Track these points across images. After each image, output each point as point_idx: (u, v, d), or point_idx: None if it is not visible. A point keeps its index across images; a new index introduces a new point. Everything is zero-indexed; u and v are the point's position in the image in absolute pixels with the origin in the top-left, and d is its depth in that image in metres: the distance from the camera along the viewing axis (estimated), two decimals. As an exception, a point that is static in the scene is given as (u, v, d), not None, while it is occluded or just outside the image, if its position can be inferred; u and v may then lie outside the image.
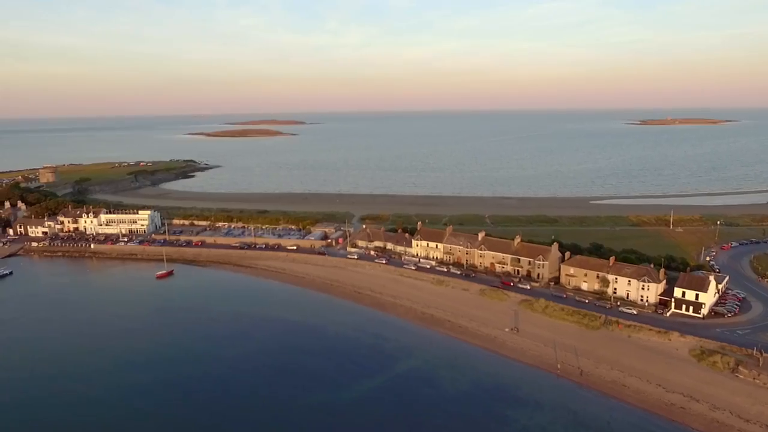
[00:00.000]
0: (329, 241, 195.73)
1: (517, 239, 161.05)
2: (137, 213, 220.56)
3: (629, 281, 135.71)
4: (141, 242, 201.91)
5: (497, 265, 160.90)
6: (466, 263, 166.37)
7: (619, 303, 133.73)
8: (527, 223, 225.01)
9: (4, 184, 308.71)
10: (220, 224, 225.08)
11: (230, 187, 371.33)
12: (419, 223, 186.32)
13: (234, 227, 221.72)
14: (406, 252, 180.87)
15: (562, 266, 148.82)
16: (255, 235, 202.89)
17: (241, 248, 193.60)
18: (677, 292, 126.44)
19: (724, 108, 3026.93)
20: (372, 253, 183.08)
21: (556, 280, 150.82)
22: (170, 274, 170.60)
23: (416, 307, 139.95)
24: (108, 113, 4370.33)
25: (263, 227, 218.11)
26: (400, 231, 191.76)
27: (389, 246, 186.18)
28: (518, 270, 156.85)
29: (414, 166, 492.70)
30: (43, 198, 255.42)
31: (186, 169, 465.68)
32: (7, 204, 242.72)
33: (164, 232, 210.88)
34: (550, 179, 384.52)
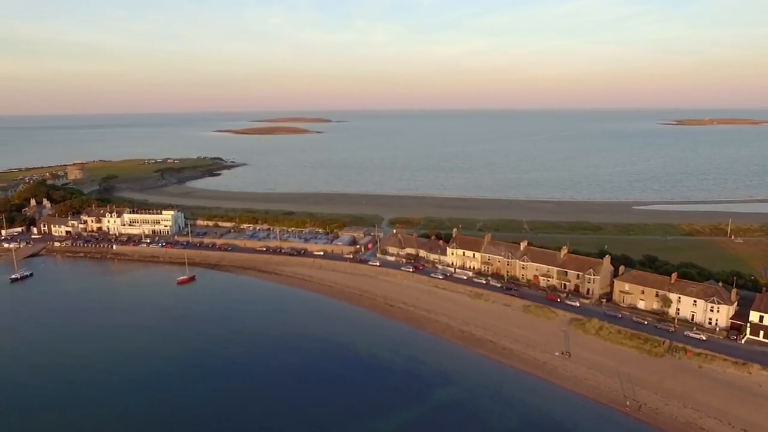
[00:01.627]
0: (358, 247, 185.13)
1: (564, 250, 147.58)
2: (161, 213, 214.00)
3: (695, 301, 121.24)
4: (163, 244, 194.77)
5: (541, 278, 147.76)
6: (507, 275, 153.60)
7: (679, 325, 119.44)
8: (568, 230, 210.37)
9: (31, 181, 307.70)
10: (244, 226, 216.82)
11: (256, 187, 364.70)
12: (455, 229, 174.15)
13: (259, 229, 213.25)
14: (440, 260, 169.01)
15: (615, 281, 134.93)
16: (281, 239, 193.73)
17: (266, 252, 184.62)
18: (753, 315, 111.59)
19: (764, 108, 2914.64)
20: (404, 260, 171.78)
21: (608, 296, 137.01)
22: (192, 279, 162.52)
23: (454, 324, 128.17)
24: (139, 110, 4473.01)
25: (289, 230, 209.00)
26: (433, 238, 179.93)
27: (422, 253, 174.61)
28: (565, 284, 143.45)
29: (442, 166, 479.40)
30: (68, 196, 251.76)
31: (212, 167, 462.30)
32: (32, 201, 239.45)
33: (187, 233, 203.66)
34: (587, 182, 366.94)
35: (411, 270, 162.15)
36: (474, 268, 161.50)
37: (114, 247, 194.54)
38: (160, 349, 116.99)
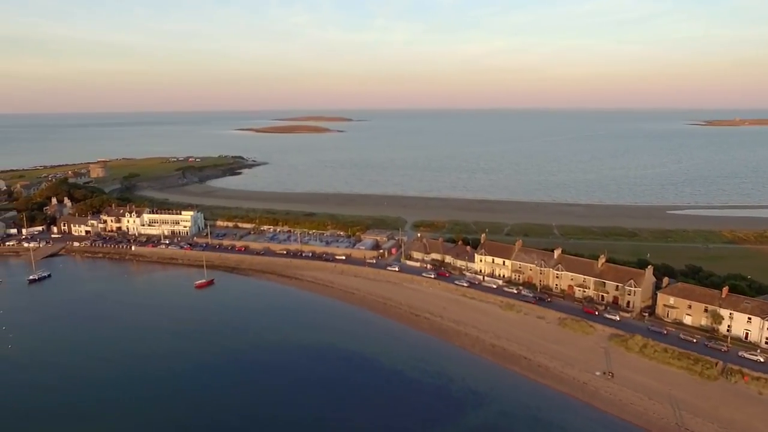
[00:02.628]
0: (381, 251, 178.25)
1: (602, 259, 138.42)
2: (180, 213, 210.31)
3: (749, 318, 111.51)
4: (182, 246, 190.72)
5: (577, 289, 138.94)
6: (540, 284, 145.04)
7: (732, 345, 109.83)
8: (602, 236, 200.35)
9: (53, 179, 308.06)
10: (264, 228, 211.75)
11: (276, 186, 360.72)
12: (483, 235, 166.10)
13: (279, 231, 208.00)
14: (467, 267, 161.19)
15: (659, 295, 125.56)
16: (301, 242, 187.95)
17: (287, 256, 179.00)
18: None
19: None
20: (429, 267, 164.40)
21: (650, 310, 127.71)
22: (210, 283, 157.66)
23: (484, 338, 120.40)
24: (163, 108, 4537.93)
25: (310, 232, 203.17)
26: (460, 243, 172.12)
27: (448, 259, 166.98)
28: (603, 296, 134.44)
29: (464, 166, 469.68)
30: (89, 195, 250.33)
31: (233, 166, 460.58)
32: (53, 200, 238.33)
33: (207, 234, 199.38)
34: (616, 185, 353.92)
35: (433, 276, 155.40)
36: (504, 276, 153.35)
37: (133, 248, 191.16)
38: (173, 360, 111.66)
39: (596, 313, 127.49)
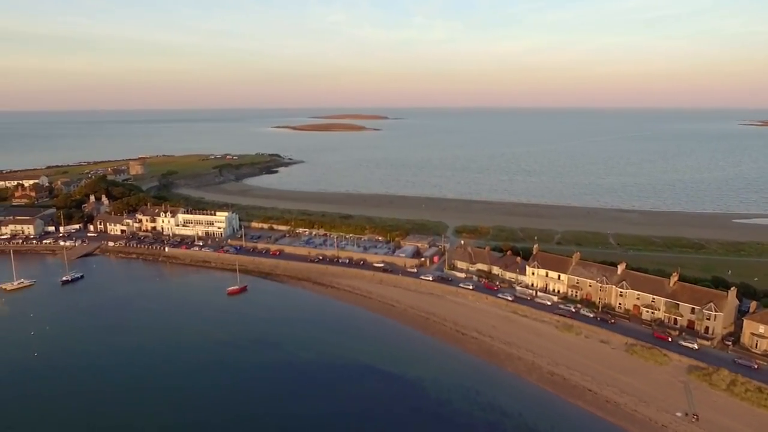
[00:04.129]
0: (423, 259, 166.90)
1: (674, 277, 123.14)
2: (214, 214, 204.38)
3: None
4: (216, 249, 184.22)
5: (644, 310, 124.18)
6: (600, 303, 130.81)
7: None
8: (664, 247, 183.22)
9: (93, 176, 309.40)
10: (300, 230, 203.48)
11: (312, 185, 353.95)
12: (535, 246, 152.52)
13: (315, 234, 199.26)
14: (517, 280, 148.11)
15: (745, 321, 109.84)
16: (338, 247, 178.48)
17: (323, 262, 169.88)
18: None
19: None
20: (475, 278, 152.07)
21: (734, 338, 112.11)
22: (243, 290, 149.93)
23: (541, 364, 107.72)
24: (205, 105, 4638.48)
25: (347, 236, 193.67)
26: (509, 253, 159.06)
27: (495, 270, 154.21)
28: (676, 319, 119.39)
29: (505, 167, 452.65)
30: (126, 192, 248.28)
31: (270, 164, 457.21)
32: (91, 198, 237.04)
33: (241, 236, 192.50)
34: (671, 189, 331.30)
35: (471, 287, 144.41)
36: (559, 291, 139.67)
37: (166, 249, 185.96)
38: (197, 378, 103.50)
39: (669, 339, 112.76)
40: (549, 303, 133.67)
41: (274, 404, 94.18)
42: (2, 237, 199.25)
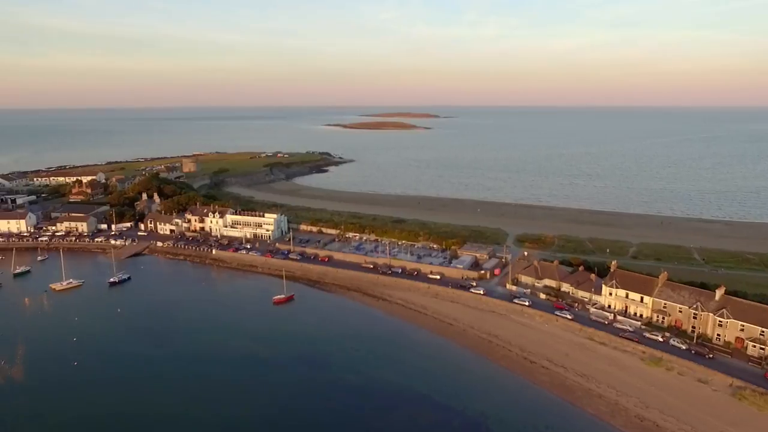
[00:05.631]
0: (482, 272, 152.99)
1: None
2: (263, 216, 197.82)
3: None
4: (263, 253, 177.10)
5: (749, 344, 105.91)
6: (694, 332, 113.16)
7: None
8: (762, 265, 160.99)
9: (146, 173, 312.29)
10: (350, 235, 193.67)
11: (362, 186, 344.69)
12: (613, 262, 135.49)
13: (366, 240, 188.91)
14: (591, 300, 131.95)
15: None
16: (390, 255, 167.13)
17: (373, 271, 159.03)
18: None
19: None
20: (542, 296, 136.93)
21: None
22: (290, 299, 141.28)
23: (627, 405, 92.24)
24: (259, 103, 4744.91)
25: (399, 243, 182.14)
26: (581, 269, 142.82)
27: (565, 288, 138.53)
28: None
29: (564, 170, 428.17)
30: (177, 191, 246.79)
31: (320, 163, 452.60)
32: (144, 196, 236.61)
33: (289, 239, 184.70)
34: (757, 197, 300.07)
35: (528, 303, 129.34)
36: (642, 316, 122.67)
37: (213, 251, 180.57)
38: (239, 399, 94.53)
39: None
40: (631, 329, 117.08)
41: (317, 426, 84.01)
42: (57, 234, 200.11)
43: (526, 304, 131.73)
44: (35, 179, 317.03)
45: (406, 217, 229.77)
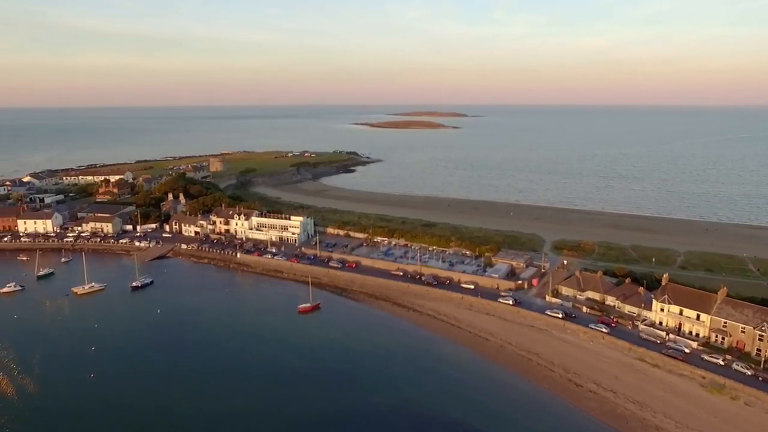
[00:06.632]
0: (519, 282, 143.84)
1: None
2: (289, 219, 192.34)
3: None
4: (288, 257, 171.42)
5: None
6: (761, 356, 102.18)
7: None
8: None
9: (173, 172, 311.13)
10: (378, 239, 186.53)
11: (390, 187, 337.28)
12: (665, 275, 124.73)
13: (395, 244, 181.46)
14: (639, 316, 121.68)
15: None
16: (421, 262, 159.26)
17: (403, 279, 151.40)
18: None
19: None
20: (585, 309, 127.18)
21: None
22: (316, 308, 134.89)
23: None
24: (287, 102, 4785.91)
25: (429, 249, 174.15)
26: (628, 281, 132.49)
27: (610, 301, 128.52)
28: None
29: (598, 172, 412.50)
30: (204, 191, 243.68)
31: (348, 163, 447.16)
32: (169, 196, 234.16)
33: (315, 243, 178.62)
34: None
35: (560, 315, 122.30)
36: (698, 335, 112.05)
37: (238, 255, 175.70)
38: (257, 419, 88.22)
39: None
40: (687, 350, 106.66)
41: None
42: (83, 234, 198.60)
43: (559, 316, 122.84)
44: (64, 178, 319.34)
45: (435, 220, 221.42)
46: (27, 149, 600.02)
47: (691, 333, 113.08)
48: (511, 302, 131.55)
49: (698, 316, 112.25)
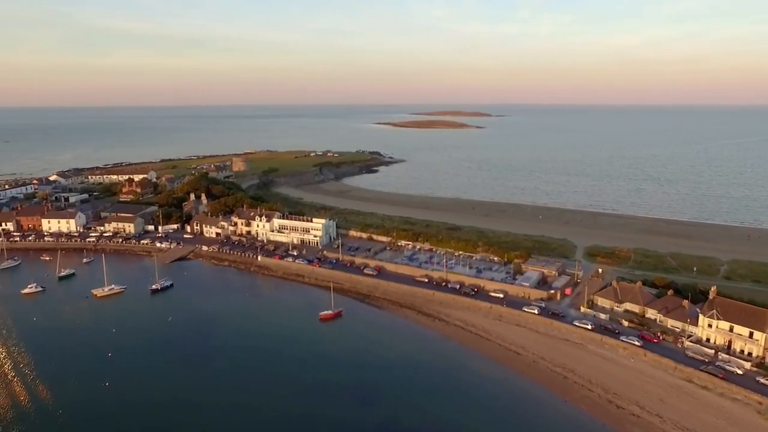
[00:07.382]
0: (552, 291, 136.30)
1: None
2: (311, 221, 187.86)
3: None
4: (310, 260, 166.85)
5: None
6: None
7: None
8: None
9: (196, 172, 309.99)
10: (402, 243, 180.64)
11: (413, 188, 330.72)
12: (712, 288, 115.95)
13: (420, 249, 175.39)
14: (684, 331, 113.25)
15: None
16: (446, 268, 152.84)
17: (428, 285, 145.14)
18: None
19: None
20: (625, 323, 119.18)
21: None
22: (338, 315, 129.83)
23: (748, 476, 74.68)
24: (310, 102, 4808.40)
25: (455, 254, 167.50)
26: (670, 292, 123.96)
27: (651, 314, 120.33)
28: None
29: (628, 174, 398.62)
30: (226, 192, 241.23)
31: (370, 163, 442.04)
32: (191, 196, 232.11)
33: (338, 246, 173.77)
34: None
35: (590, 327, 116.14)
36: (750, 354, 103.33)
37: (258, 258, 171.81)
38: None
39: None
40: (740, 371, 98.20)
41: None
42: (105, 234, 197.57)
43: (588, 327, 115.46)
44: (90, 177, 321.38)
45: (460, 223, 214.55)
46: (56, 148, 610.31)
47: (742, 352, 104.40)
48: (536, 311, 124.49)
49: (751, 334, 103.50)
